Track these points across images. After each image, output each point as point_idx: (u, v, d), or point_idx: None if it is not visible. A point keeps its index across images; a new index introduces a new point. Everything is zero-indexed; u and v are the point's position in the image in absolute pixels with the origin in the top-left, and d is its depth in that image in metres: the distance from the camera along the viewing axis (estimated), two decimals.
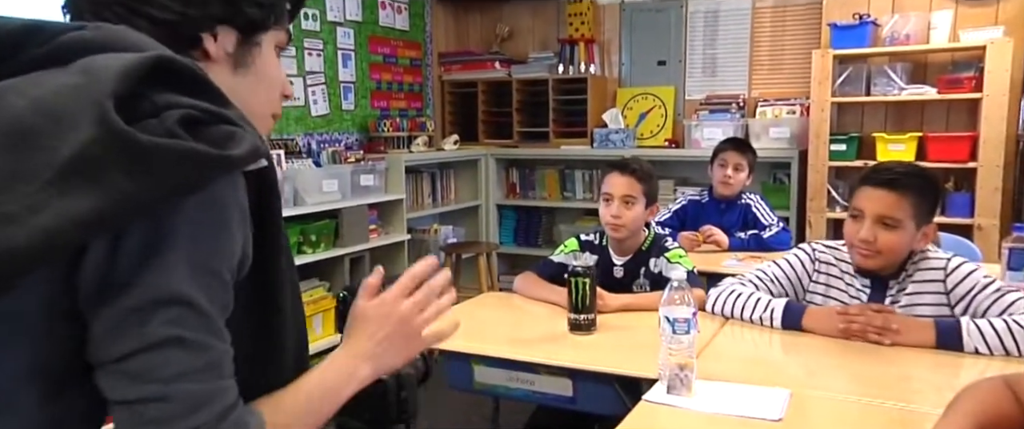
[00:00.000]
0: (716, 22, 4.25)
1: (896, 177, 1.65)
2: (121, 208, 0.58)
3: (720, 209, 3.04)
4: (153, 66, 0.63)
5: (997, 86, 3.27)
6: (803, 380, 1.45)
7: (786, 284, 1.85)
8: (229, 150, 0.62)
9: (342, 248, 3.47)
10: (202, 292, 0.63)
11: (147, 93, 0.62)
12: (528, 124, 4.57)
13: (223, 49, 0.78)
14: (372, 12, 4.20)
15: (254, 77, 0.81)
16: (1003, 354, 1.48)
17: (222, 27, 0.78)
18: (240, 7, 0.78)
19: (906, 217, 1.62)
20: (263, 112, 0.84)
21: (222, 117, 0.65)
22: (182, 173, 0.60)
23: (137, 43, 0.68)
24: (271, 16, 0.81)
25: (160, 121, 0.61)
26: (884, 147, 3.55)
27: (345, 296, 1.01)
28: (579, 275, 1.75)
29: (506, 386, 1.69)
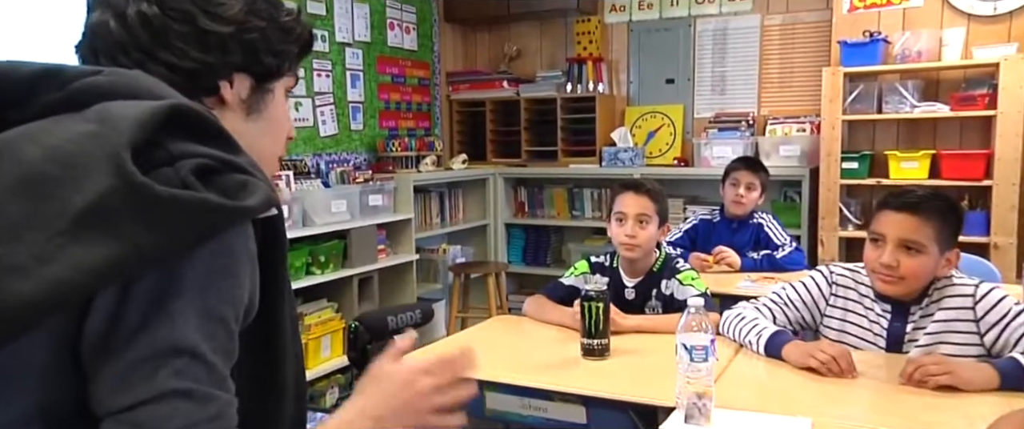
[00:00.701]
0: (725, 40, 4.24)
1: (918, 201, 1.61)
2: (135, 259, 0.58)
3: (731, 228, 3.01)
4: (169, 114, 0.63)
5: (1011, 103, 3.23)
6: (822, 408, 1.41)
7: (802, 308, 1.81)
8: (242, 200, 0.63)
9: (351, 269, 3.45)
10: (208, 342, 0.62)
11: (162, 141, 0.62)
12: (536, 143, 4.56)
13: (238, 95, 0.79)
14: (380, 33, 4.22)
15: (265, 122, 0.83)
16: None
17: (238, 74, 0.79)
18: (258, 56, 0.79)
19: (929, 242, 1.59)
20: (271, 155, 0.86)
21: (235, 166, 0.65)
22: (196, 224, 0.60)
23: (152, 90, 0.68)
24: (285, 64, 0.83)
25: (175, 170, 0.61)
26: (897, 165, 3.51)
27: (356, 327, 0.99)
28: (592, 299, 1.72)
29: (519, 413, 1.66)
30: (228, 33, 0.77)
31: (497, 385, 1.67)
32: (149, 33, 0.74)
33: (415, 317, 1.05)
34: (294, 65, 0.86)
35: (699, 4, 4.25)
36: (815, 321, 1.82)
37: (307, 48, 0.87)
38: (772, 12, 4.08)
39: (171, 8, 0.75)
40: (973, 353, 1.60)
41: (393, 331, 1.01)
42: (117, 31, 0.75)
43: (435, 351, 0.92)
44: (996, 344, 1.59)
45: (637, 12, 4.41)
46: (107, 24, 0.75)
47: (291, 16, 0.84)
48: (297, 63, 0.86)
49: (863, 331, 1.74)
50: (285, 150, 0.90)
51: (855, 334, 1.75)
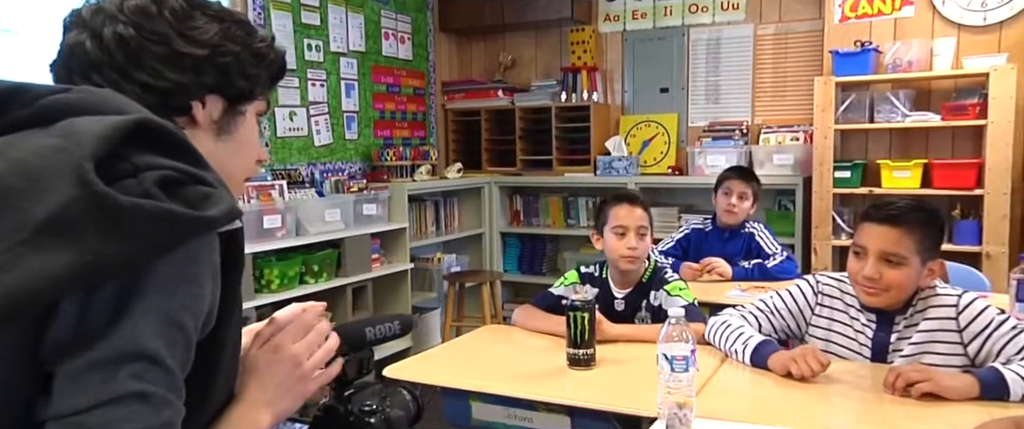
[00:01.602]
0: (718, 49, 4.26)
1: (898, 213, 1.62)
2: (96, 267, 0.59)
3: (723, 238, 3.02)
4: (134, 128, 0.64)
5: (1002, 113, 3.25)
6: (805, 419, 1.42)
7: (787, 316, 1.82)
8: (205, 211, 0.64)
9: (345, 278, 3.46)
10: (169, 348, 0.63)
11: (127, 154, 0.64)
12: (531, 152, 4.57)
13: (210, 116, 0.81)
14: (375, 42, 4.24)
15: (235, 143, 0.85)
16: None
17: (211, 95, 0.81)
18: (231, 79, 0.81)
19: (910, 253, 1.60)
20: (239, 176, 0.89)
21: (199, 178, 0.66)
22: (158, 233, 0.61)
23: (120, 106, 0.69)
24: (257, 87, 0.85)
25: (138, 182, 0.62)
26: (889, 174, 3.52)
27: None
28: (578, 309, 1.73)
29: (504, 423, 1.67)
30: (203, 56, 0.79)
31: (483, 395, 1.67)
32: (125, 54, 0.76)
33: (394, 328, 1.05)
34: (265, 90, 0.88)
35: (693, 13, 4.27)
36: (800, 330, 1.82)
37: (279, 74, 0.90)
38: (765, 22, 4.10)
39: (147, 30, 0.77)
40: (957, 363, 1.61)
41: (371, 342, 1.01)
42: (93, 51, 0.76)
43: (276, 316, 0.90)
44: (979, 354, 1.60)
45: (631, 21, 4.44)
46: (83, 44, 0.77)
47: (264, 42, 0.86)
48: (268, 88, 0.88)
49: (848, 341, 1.75)
50: (254, 172, 0.92)
51: (840, 343, 1.76)
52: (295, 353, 0.87)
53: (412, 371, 1.79)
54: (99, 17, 0.77)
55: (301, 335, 0.89)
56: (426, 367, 1.85)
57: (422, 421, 1.84)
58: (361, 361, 1.00)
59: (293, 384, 0.86)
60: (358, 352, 0.99)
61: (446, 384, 1.73)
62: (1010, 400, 1.43)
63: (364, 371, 1.01)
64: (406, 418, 1.02)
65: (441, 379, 1.74)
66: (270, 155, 3.62)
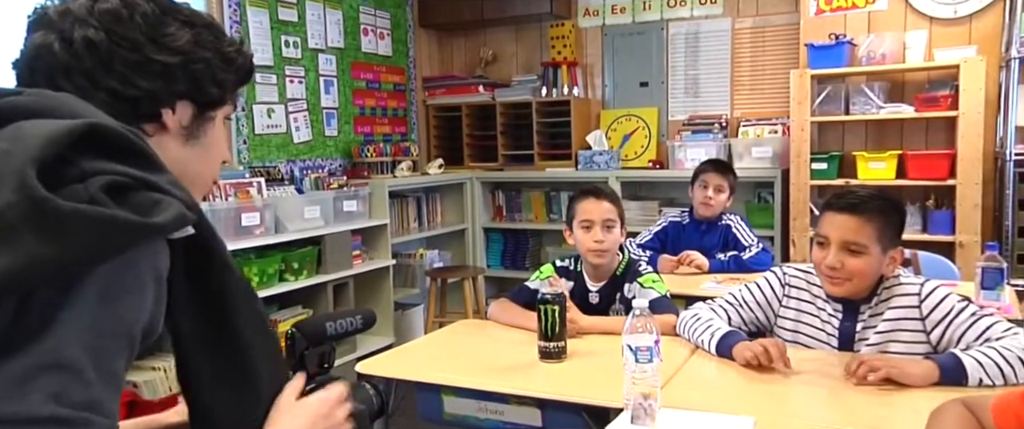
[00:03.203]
0: (697, 43, 4.28)
1: (858, 201, 1.65)
2: (30, 271, 0.57)
3: (701, 230, 3.04)
4: (84, 133, 0.63)
5: (972, 104, 3.29)
6: (769, 407, 1.44)
7: (755, 308, 1.84)
8: (151, 217, 0.62)
9: (325, 275, 3.46)
10: (94, 359, 0.61)
11: (75, 159, 0.62)
12: (513, 147, 4.58)
13: (179, 122, 0.81)
14: (354, 38, 4.23)
15: (202, 148, 0.85)
16: (1002, 380, 1.45)
17: (181, 101, 0.81)
18: (202, 85, 0.81)
19: (871, 242, 1.62)
20: (206, 180, 0.88)
21: (149, 184, 0.65)
22: (99, 239, 0.60)
23: (74, 110, 0.68)
24: (227, 92, 0.85)
25: (85, 187, 0.61)
26: (865, 165, 3.56)
27: (293, 333, 1.00)
28: (548, 302, 1.74)
29: (476, 416, 1.68)
30: (174, 63, 0.78)
31: (455, 389, 1.68)
32: (95, 59, 0.75)
33: (355, 323, 1.05)
34: (234, 93, 0.88)
35: (671, 8, 4.29)
36: (769, 322, 1.85)
37: (246, 78, 0.89)
38: (742, 15, 4.13)
39: (119, 36, 0.76)
40: (920, 350, 1.64)
41: (332, 337, 1.02)
42: (61, 54, 0.75)
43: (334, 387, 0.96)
44: (941, 341, 1.63)
45: (610, 16, 4.45)
46: (51, 46, 0.75)
47: (233, 46, 0.86)
48: (235, 91, 0.88)
49: (816, 331, 1.77)
50: (218, 174, 0.94)
51: (808, 334, 1.79)
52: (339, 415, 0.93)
53: (386, 367, 1.80)
54: (68, 19, 0.75)
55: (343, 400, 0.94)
56: (400, 362, 1.86)
57: (396, 416, 1.86)
58: (322, 355, 1.01)
59: None
60: (318, 346, 1.00)
61: (418, 379, 1.74)
62: (968, 385, 1.46)
63: (325, 366, 1.01)
64: (368, 412, 1.02)
65: (414, 374, 1.76)
66: (248, 152, 3.61)
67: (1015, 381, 1.45)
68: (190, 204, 0.68)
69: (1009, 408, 1.10)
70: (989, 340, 1.54)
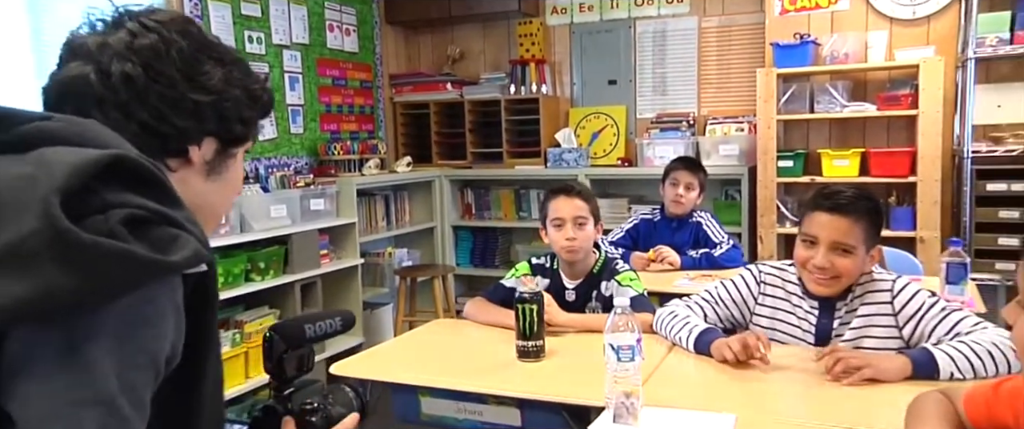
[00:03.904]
0: (664, 41, 4.31)
1: (848, 202, 1.65)
2: (48, 301, 0.58)
3: (672, 227, 3.06)
4: (109, 164, 0.64)
5: (931, 103, 3.38)
6: (749, 404, 1.45)
7: (731, 306, 1.86)
8: (168, 254, 0.63)
9: (292, 275, 3.39)
10: (126, 393, 0.62)
11: (99, 189, 0.63)
12: (482, 145, 4.56)
13: (203, 157, 0.82)
14: (320, 34, 4.15)
15: (222, 183, 0.86)
16: (971, 374, 1.48)
17: (207, 138, 0.82)
18: (229, 124, 0.83)
19: (859, 242, 1.64)
20: (222, 212, 0.91)
21: (169, 219, 0.66)
22: (117, 274, 0.60)
23: (101, 138, 0.68)
24: (251, 131, 0.87)
25: (105, 218, 0.61)
26: (829, 163, 3.63)
27: (271, 337, 0.97)
28: (526, 301, 1.73)
29: (454, 417, 1.66)
30: (206, 102, 0.79)
31: (432, 390, 1.66)
32: (131, 93, 0.76)
33: (335, 325, 1.02)
34: (258, 129, 0.89)
35: (638, 6, 4.31)
36: (745, 319, 1.86)
37: (267, 113, 0.90)
38: (709, 14, 4.17)
39: (156, 71, 0.76)
40: (893, 345, 1.66)
41: (311, 339, 0.99)
42: (97, 86, 0.75)
43: None
44: (913, 335, 1.66)
45: (578, 14, 4.45)
46: (87, 77, 0.75)
47: (259, 83, 0.87)
48: (257, 126, 0.90)
49: (792, 328, 1.79)
50: (230, 209, 0.93)
51: (784, 331, 1.80)
52: None
53: (360, 368, 1.77)
54: (107, 52, 0.76)
55: None
56: (375, 363, 1.83)
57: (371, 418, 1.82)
58: (301, 358, 0.98)
59: None
60: (298, 350, 0.97)
61: (394, 380, 1.71)
62: (940, 379, 1.49)
63: (305, 369, 0.98)
64: (349, 415, 1.00)
65: (390, 375, 1.73)
66: None
67: (984, 374, 1.49)
68: (204, 242, 0.68)
69: (979, 399, 1.12)
70: (959, 335, 1.57)
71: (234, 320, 3.16)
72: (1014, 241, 3.34)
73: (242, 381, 3.10)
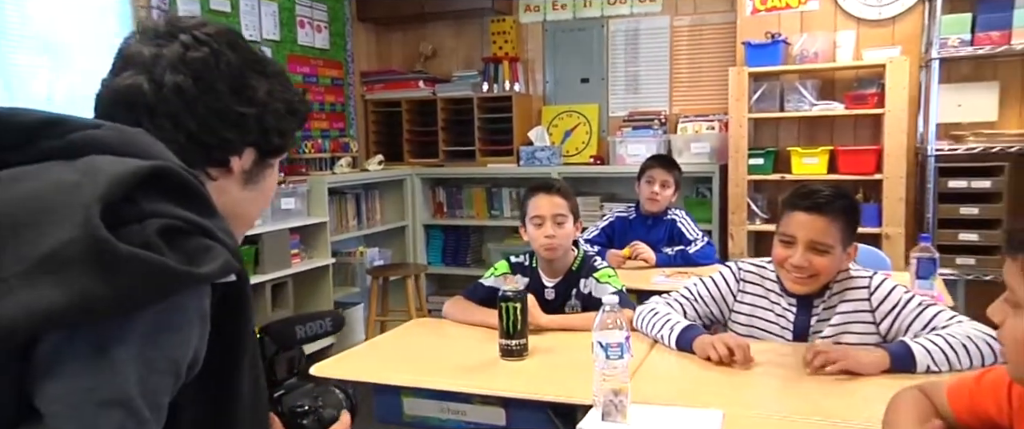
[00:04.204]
0: (636, 40, 4.34)
1: (825, 201, 1.67)
2: (81, 309, 0.59)
3: (647, 225, 3.08)
4: (149, 174, 0.66)
5: (897, 102, 3.45)
6: (734, 399, 1.46)
7: (710, 303, 1.87)
8: (200, 265, 0.65)
9: (263, 275, 3.33)
10: (146, 396, 0.63)
11: (137, 199, 0.65)
12: (454, 143, 4.53)
13: (242, 166, 0.84)
14: (290, 31, 4.08)
15: (258, 192, 0.88)
16: (947, 366, 1.51)
17: (248, 148, 0.84)
18: (269, 136, 0.85)
19: (836, 241, 1.66)
20: (252, 219, 0.93)
21: (204, 229, 0.67)
22: (148, 284, 0.62)
23: (146, 148, 0.70)
24: (288, 142, 0.89)
25: (141, 228, 0.63)
26: (799, 161, 3.69)
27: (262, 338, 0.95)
28: (509, 300, 1.72)
29: (438, 418, 1.64)
30: (251, 114, 0.82)
31: (414, 390, 1.64)
32: (181, 104, 0.78)
33: (325, 326, 1.01)
34: (292, 140, 0.91)
35: (611, 5, 4.33)
36: (724, 316, 1.88)
37: (302, 125, 0.92)
38: (681, 13, 4.20)
39: (206, 84, 0.79)
40: (871, 341, 1.69)
41: (302, 340, 0.97)
42: (150, 96, 0.78)
43: None
44: (891, 331, 1.69)
45: (551, 12, 4.45)
46: (140, 87, 0.78)
47: (298, 96, 0.89)
48: (293, 137, 0.92)
49: (770, 325, 1.81)
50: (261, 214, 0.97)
51: (762, 328, 1.82)
52: None
53: (341, 369, 1.74)
54: (161, 63, 0.78)
55: None
56: (355, 364, 1.80)
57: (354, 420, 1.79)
58: (291, 360, 0.96)
59: None
60: (288, 351, 0.95)
61: (376, 380, 1.69)
62: (917, 371, 1.52)
63: (295, 371, 0.97)
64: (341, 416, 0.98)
65: (371, 375, 1.70)
66: None
67: (959, 367, 1.52)
68: (234, 252, 0.69)
69: (962, 391, 1.14)
70: (935, 329, 1.60)
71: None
72: (974, 237, 3.44)
73: None
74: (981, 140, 3.42)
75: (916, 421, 1.11)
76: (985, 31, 3.34)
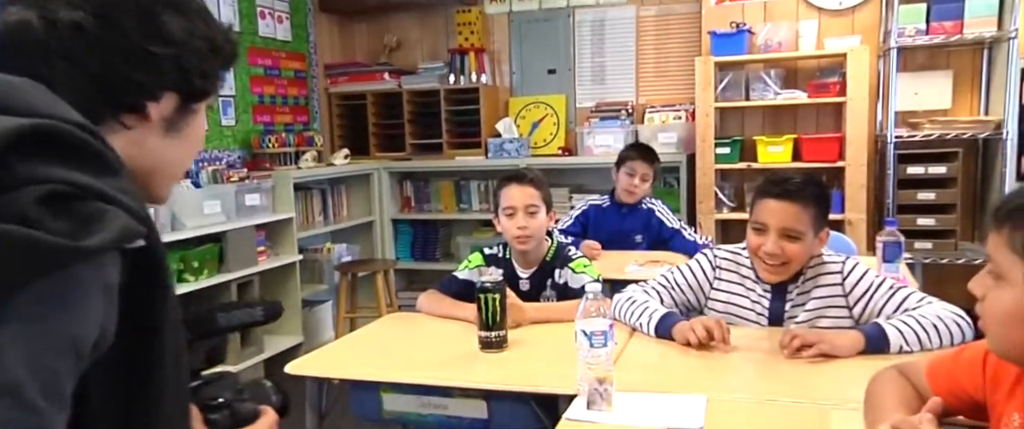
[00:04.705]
0: (602, 30, 4.34)
1: (795, 189, 1.69)
2: None
3: (622, 213, 3.09)
4: (29, 134, 0.58)
5: (858, 90, 3.52)
6: (715, 384, 1.46)
7: (687, 290, 1.88)
8: (89, 234, 0.58)
9: (228, 273, 3.25)
10: (37, 381, 0.56)
11: (15, 163, 0.57)
12: (421, 136, 4.48)
13: (161, 113, 0.76)
14: (251, 22, 3.98)
15: (181, 139, 0.80)
16: (919, 346, 1.55)
17: (167, 93, 0.76)
18: (190, 78, 0.77)
19: (807, 228, 1.68)
20: (181, 171, 0.85)
21: (98, 193, 0.60)
22: (19, 262, 0.55)
23: (28, 103, 0.61)
24: (213, 85, 0.81)
25: (17, 197, 0.55)
26: (764, 149, 3.74)
27: None
28: (488, 291, 1.70)
29: (418, 413, 1.61)
30: (166, 54, 0.73)
31: (393, 385, 1.61)
32: (80, 44, 0.69)
33: (254, 314, 0.95)
34: (222, 83, 0.83)
35: None
36: (700, 303, 1.89)
37: (230, 65, 0.84)
38: (647, 3, 4.22)
39: (110, 21, 0.70)
40: (845, 325, 1.72)
41: (224, 329, 0.91)
42: (41, 34, 0.68)
43: None
44: (863, 314, 1.72)
45: (517, 3, 4.43)
46: (29, 24, 0.68)
47: (222, 34, 0.81)
48: (220, 79, 0.84)
49: (746, 311, 1.83)
50: (191, 163, 0.89)
51: (738, 315, 1.83)
52: None
53: (315, 366, 1.70)
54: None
55: None
56: (331, 361, 1.76)
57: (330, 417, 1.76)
58: (211, 350, 0.91)
59: None
60: (207, 340, 0.90)
61: (354, 377, 1.65)
62: (890, 351, 1.55)
63: (216, 361, 0.92)
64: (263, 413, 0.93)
65: (348, 372, 1.67)
66: None
67: (930, 346, 1.56)
68: (140, 215, 0.62)
69: (941, 369, 1.16)
70: (907, 310, 1.63)
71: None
72: (931, 221, 3.53)
73: None
74: (936, 127, 3.51)
75: (899, 403, 1.12)
76: (939, 20, 3.43)
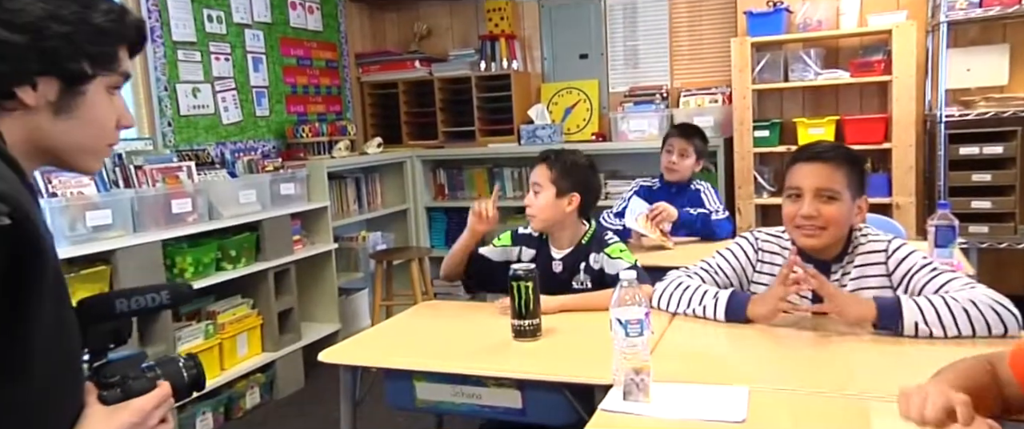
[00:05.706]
0: (635, 14, 4.25)
1: (825, 150, 1.68)
2: None
3: (671, 193, 3.03)
4: None
5: (904, 68, 3.39)
6: (757, 375, 1.41)
7: (731, 274, 1.82)
8: None
9: (265, 262, 3.28)
10: None
11: None
12: (453, 123, 4.46)
13: (44, 98, 0.76)
14: (282, 13, 4.00)
15: (77, 121, 0.80)
16: (940, 329, 1.47)
17: (43, 78, 0.75)
18: (61, 62, 0.76)
19: (843, 188, 1.63)
20: (91, 148, 0.84)
21: None
22: None
23: None
24: (97, 68, 0.79)
25: None
26: (805, 131, 3.63)
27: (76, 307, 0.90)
28: (521, 279, 1.67)
29: (452, 402, 1.59)
30: (20, 42, 0.73)
31: (427, 374, 1.59)
32: None
33: (159, 298, 0.95)
34: (114, 64, 0.82)
35: None
36: (744, 287, 1.83)
37: (136, 44, 0.84)
38: None
39: None
40: None
41: (123, 313, 0.92)
42: None
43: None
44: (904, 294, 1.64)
45: None
46: None
47: (107, 15, 0.79)
48: (123, 61, 0.83)
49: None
50: (114, 139, 0.87)
51: None
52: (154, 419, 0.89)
53: (350, 354, 1.69)
54: None
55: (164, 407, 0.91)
56: (364, 349, 1.75)
57: (364, 406, 1.75)
58: (113, 332, 0.92)
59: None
60: (101, 322, 0.90)
61: (387, 365, 1.64)
62: (904, 325, 1.48)
63: (120, 341, 0.93)
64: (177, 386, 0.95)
65: (381, 361, 1.65)
66: (174, 135, 3.37)
67: (955, 331, 1.47)
68: (6, 195, 0.63)
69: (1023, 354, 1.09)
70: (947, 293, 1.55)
71: (206, 310, 3.04)
72: (987, 204, 3.39)
73: (218, 373, 2.99)
74: (992, 105, 3.36)
75: (962, 376, 1.06)
76: None
